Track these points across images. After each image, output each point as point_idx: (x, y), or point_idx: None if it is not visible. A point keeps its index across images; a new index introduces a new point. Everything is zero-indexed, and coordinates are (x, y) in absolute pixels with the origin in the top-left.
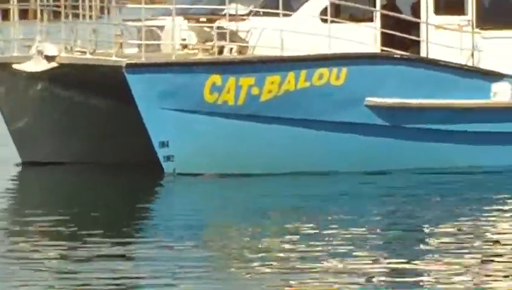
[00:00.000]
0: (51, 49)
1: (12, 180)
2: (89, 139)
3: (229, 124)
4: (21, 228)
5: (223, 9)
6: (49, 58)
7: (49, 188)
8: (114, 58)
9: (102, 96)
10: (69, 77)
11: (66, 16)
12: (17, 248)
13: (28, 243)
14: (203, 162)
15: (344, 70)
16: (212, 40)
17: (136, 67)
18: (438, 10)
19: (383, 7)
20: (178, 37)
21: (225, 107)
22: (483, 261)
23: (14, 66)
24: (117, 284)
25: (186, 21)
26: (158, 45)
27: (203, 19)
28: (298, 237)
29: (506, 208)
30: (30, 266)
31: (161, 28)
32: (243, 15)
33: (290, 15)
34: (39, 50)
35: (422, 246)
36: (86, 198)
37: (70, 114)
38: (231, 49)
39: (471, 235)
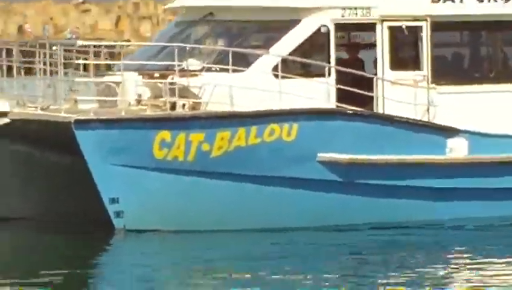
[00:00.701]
0: (2, 105)
1: None
2: (45, 194)
3: (179, 180)
4: None
5: (177, 65)
6: (1, 114)
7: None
8: (63, 114)
9: (57, 151)
10: (23, 133)
11: (19, 72)
12: None
13: None
14: (154, 218)
15: (295, 126)
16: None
17: (84, 124)
18: (394, 66)
19: (345, 61)
20: (133, 92)
21: (175, 163)
22: None
23: None
24: None
25: (141, 76)
26: (116, 100)
27: (156, 75)
28: None
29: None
30: None
31: (118, 83)
32: (195, 70)
33: (243, 70)
34: None
35: None
36: (34, 254)
37: (26, 169)
38: (183, 105)
39: None
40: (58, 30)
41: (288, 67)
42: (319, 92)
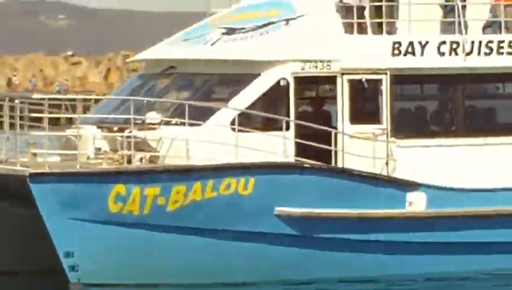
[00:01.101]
0: None
1: None
2: (11, 246)
3: (135, 234)
4: None
5: (136, 119)
6: None
7: None
8: (19, 167)
9: (19, 203)
10: None
11: None
12: None
13: None
14: (109, 272)
15: (252, 180)
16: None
17: (39, 177)
18: (353, 119)
19: (309, 114)
20: (91, 146)
21: (130, 217)
22: None
23: None
24: None
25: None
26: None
27: (115, 128)
28: None
29: None
30: None
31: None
32: (153, 124)
33: (201, 124)
34: None
35: None
36: None
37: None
38: (141, 158)
39: None
40: (47, 82)
41: (248, 121)
42: (278, 146)
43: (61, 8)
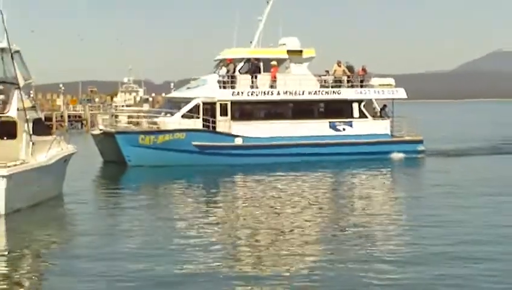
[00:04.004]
0: (102, 126)
1: (98, 167)
2: (116, 154)
3: (148, 150)
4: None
5: (152, 116)
6: (100, 129)
7: (103, 170)
8: (112, 129)
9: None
10: (107, 135)
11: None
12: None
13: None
14: (141, 161)
15: (184, 133)
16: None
17: (118, 132)
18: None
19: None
20: (145, 124)
21: (145, 145)
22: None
23: (91, 132)
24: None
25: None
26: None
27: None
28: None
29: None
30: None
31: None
32: (158, 116)
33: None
34: (98, 126)
35: None
36: (108, 172)
37: (112, 147)
38: (153, 127)
39: None
40: None
41: (186, 116)
42: (195, 123)
43: None
